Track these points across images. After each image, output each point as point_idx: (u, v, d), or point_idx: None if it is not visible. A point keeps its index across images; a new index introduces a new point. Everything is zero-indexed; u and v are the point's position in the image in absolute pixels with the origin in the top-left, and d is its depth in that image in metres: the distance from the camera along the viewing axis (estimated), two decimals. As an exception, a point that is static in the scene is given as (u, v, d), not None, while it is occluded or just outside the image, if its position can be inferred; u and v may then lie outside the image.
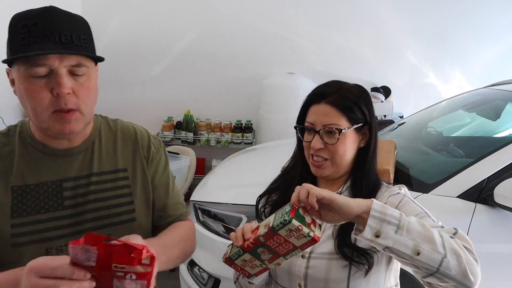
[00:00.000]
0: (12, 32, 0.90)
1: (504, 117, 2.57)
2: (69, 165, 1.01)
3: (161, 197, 1.12)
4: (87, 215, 1.00)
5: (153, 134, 1.17)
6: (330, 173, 1.12)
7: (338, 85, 1.12)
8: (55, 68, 0.88)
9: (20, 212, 0.95)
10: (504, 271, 1.82)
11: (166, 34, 4.23)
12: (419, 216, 1.01)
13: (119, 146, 1.08)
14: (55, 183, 0.99)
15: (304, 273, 1.08)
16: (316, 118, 1.08)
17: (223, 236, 2.14)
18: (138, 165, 1.08)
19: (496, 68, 4.29)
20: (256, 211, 1.24)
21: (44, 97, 0.89)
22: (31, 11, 0.90)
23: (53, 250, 0.96)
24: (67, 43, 0.88)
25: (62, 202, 0.98)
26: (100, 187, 1.02)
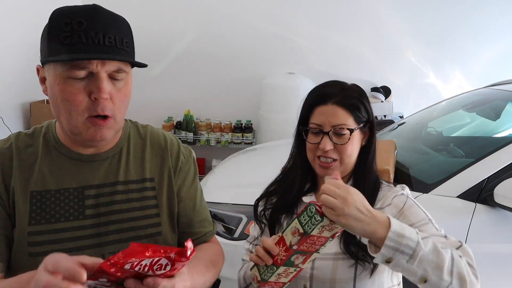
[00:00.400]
0: (53, 28, 0.83)
1: (504, 117, 2.57)
2: (93, 171, 0.94)
3: (187, 211, 1.04)
4: (110, 227, 0.93)
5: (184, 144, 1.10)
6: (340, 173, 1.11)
7: (340, 85, 1.12)
8: (96, 72, 0.84)
9: (39, 219, 0.89)
10: (504, 271, 1.82)
11: (166, 34, 4.23)
12: (422, 223, 1.03)
13: (147, 154, 1.01)
14: (77, 190, 0.92)
15: (309, 274, 1.08)
16: (324, 119, 1.07)
17: (223, 236, 2.13)
18: (165, 175, 1.01)
19: (496, 68, 4.29)
20: (255, 214, 1.22)
21: (81, 101, 0.84)
22: (75, 7, 0.85)
23: None
24: (110, 46, 0.84)
25: (83, 211, 0.91)
26: (126, 196, 0.95)
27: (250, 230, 1.25)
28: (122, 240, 0.93)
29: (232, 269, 1.25)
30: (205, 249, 1.05)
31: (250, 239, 1.24)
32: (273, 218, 1.17)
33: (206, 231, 1.09)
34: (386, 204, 1.09)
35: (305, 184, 1.17)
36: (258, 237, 1.21)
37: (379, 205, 1.09)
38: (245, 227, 2.08)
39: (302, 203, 1.16)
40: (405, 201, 1.07)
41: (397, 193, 1.10)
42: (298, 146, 1.16)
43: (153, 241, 0.96)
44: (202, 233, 1.08)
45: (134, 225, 0.95)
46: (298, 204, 1.16)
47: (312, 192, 1.17)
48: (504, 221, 1.80)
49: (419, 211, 1.07)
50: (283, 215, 1.17)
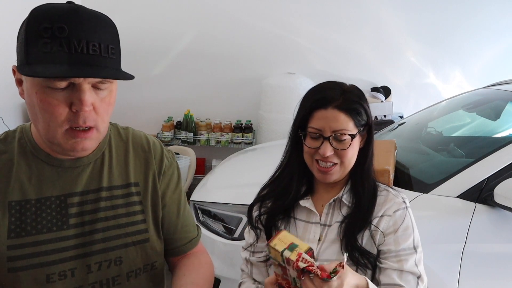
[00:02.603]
0: (32, 32, 0.75)
1: (504, 117, 2.57)
2: (76, 178, 0.88)
3: (171, 216, 1.00)
4: (96, 235, 0.88)
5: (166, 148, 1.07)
6: (337, 178, 1.10)
7: (339, 87, 1.09)
8: (78, 83, 0.77)
9: (19, 231, 0.83)
10: (504, 271, 1.82)
11: (166, 34, 4.23)
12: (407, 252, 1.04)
13: (130, 157, 0.96)
14: (59, 198, 0.86)
15: None
16: (325, 124, 1.04)
17: (223, 236, 2.14)
18: (150, 179, 0.96)
19: (496, 68, 4.29)
20: (250, 220, 1.20)
21: (60, 113, 0.78)
22: (55, 9, 0.76)
23: (55, 276, 0.84)
24: (94, 55, 0.76)
25: (67, 220, 0.86)
26: (111, 203, 0.90)
27: (245, 236, 1.22)
28: (109, 249, 0.89)
29: (232, 269, 1.24)
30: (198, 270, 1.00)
31: (246, 246, 1.20)
32: (269, 223, 1.15)
33: (191, 237, 1.05)
34: (387, 214, 1.08)
35: (301, 187, 1.15)
36: (254, 243, 1.18)
37: (381, 213, 1.08)
38: (245, 227, 2.08)
39: (298, 207, 1.15)
40: (403, 219, 1.07)
41: (400, 207, 1.09)
42: (295, 149, 1.13)
43: (140, 249, 0.92)
44: (188, 239, 1.04)
45: (121, 232, 0.90)
46: (295, 208, 1.15)
47: (309, 196, 1.15)
48: (504, 221, 1.80)
49: (410, 236, 1.07)
50: (279, 220, 1.15)
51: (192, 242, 1.05)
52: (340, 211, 1.11)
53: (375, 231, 1.07)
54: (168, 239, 1.01)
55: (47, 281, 0.83)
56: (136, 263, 0.92)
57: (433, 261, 1.71)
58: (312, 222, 1.12)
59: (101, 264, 0.87)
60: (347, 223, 1.08)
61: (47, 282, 0.83)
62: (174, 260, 1.05)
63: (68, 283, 0.85)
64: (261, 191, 1.22)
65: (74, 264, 0.86)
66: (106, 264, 0.88)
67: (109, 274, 0.88)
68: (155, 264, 0.96)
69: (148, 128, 4.25)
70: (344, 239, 1.06)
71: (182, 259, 1.04)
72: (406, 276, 1.03)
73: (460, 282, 1.76)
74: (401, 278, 1.03)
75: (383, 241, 1.06)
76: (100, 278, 0.88)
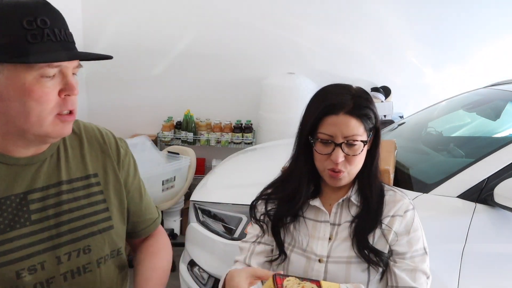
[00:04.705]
0: (12, 25, 0.78)
1: (504, 117, 2.57)
2: (34, 175, 0.90)
3: (135, 201, 1.06)
4: (62, 227, 0.91)
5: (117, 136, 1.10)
6: (346, 182, 1.11)
7: (348, 91, 1.08)
8: (65, 70, 0.83)
9: None
10: (504, 271, 1.82)
11: (166, 34, 4.23)
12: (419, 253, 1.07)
13: (86, 150, 0.99)
14: (19, 196, 0.87)
15: (323, 278, 1.08)
16: (336, 130, 1.04)
17: (223, 236, 2.14)
18: (109, 169, 1.01)
19: (496, 68, 4.29)
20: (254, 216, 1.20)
21: (51, 100, 0.82)
22: (26, 3, 0.80)
23: (25, 272, 0.86)
24: (72, 42, 0.85)
25: (29, 216, 0.88)
26: (72, 195, 0.94)
27: (250, 230, 1.22)
28: (77, 239, 0.92)
29: (232, 269, 1.24)
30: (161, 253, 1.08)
31: (251, 238, 1.20)
32: (278, 223, 1.15)
33: (154, 218, 1.12)
34: (398, 214, 1.09)
35: (310, 189, 1.15)
36: (259, 235, 1.18)
37: (391, 213, 1.09)
38: (245, 227, 2.08)
39: (307, 206, 1.15)
40: (413, 220, 1.10)
41: (409, 208, 1.11)
42: (304, 154, 1.12)
43: (106, 236, 0.97)
44: (151, 220, 1.11)
45: (86, 222, 0.94)
46: (303, 207, 1.15)
47: (317, 196, 1.15)
48: (504, 221, 1.80)
49: (420, 237, 1.10)
50: (288, 218, 1.15)
51: (155, 223, 1.12)
52: (349, 210, 1.12)
53: (387, 230, 1.08)
54: (134, 222, 1.07)
55: (17, 278, 0.85)
56: (104, 250, 0.96)
57: (433, 261, 1.70)
58: (321, 221, 1.13)
59: (70, 254, 0.91)
60: (357, 223, 1.09)
61: (18, 278, 0.85)
62: (137, 242, 1.12)
63: (40, 276, 0.88)
64: (265, 189, 1.22)
65: (43, 257, 0.88)
66: (75, 254, 0.92)
67: (80, 263, 0.93)
68: (120, 249, 1.01)
69: (148, 128, 4.25)
70: (355, 238, 1.07)
71: (144, 241, 1.12)
72: (419, 279, 1.05)
73: (460, 282, 1.76)
74: (415, 280, 1.05)
75: (396, 241, 1.08)
76: (71, 267, 0.92)
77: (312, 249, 1.10)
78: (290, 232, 1.15)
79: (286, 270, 1.13)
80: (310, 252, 1.10)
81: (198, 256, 2.22)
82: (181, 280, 2.36)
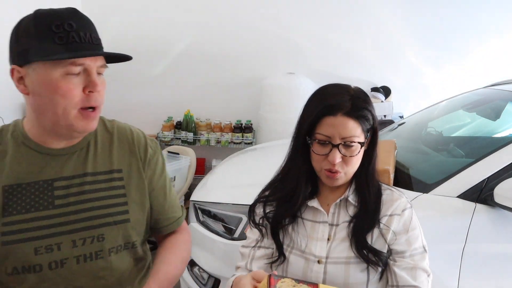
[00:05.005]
0: (42, 29, 0.90)
1: (504, 117, 2.57)
2: (63, 164, 1.01)
3: (159, 200, 1.13)
4: (80, 215, 1.00)
5: (149, 136, 1.18)
6: (343, 182, 1.11)
7: (346, 92, 1.08)
8: (89, 68, 0.93)
9: (11, 210, 0.96)
10: (504, 271, 1.82)
11: (166, 34, 4.23)
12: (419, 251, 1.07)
13: (115, 147, 1.08)
14: (47, 182, 0.99)
15: (322, 278, 1.08)
16: (334, 131, 1.03)
17: (223, 236, 2.14)
18: (133, 167, 1.08)
19: (496, 68, 4.29)
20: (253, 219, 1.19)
21: (76, 95, 0.92)
22: (58, 10, 0.93)
23: (42, 249, 0.96)
24: (97, 44, 0.95)
25: (52, 201, 0.98)
26: (94, 187, 1.02)
27: (248, 234, 1.22)
28: (92, 227, 1.00)
29: (232, 269, 1.24)
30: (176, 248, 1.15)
31: (251, 243, 1.19)
32: (277, 225, 1.15)
33: (177, 217, 1.18)
34: (396, 213, 1.10)
35: (307, 189, 1.15)
36: (259, 239, 1.17)
37: (389, 212, 1.09)
38: (245, 227, 2.08)
39: (305, 207, 1.15)
40: (411, 219, 1.10)
41: (407, 206, 1.11)
42: (301, 154, 1.12)
43: (121, 228, 1.03)
44: (174, 218, 1.18)
45: (102, 213, 1.02)
46: (301, 208, 1.15)
47: (315, 196, 1.15)
48: (504, 221, 1.80)
49: (418, 235, 1.10)
50: (286, 220, 1.15)
51: (178, 221, 1.19)
52: (347, 210, 1.12)
53: (386, 229, 1.08)
54: (156, 219, 1.14)
55: (35, 253, 0.96)
56: (117, 240, 1.04)
57: (433, 261, 1.70)
58: (320, 221, 1.13)
59: (85, 240, 1.00)
60: (355, 223, 1.09)
61: (35, 254, 0.96)
62: (160, 238, 1.20)
63: (55, 256, 0.98)
64: (263, 191, 1.21)
65: (60, 239, 0.98)
66: (89, 240, 1.00)
67: (93, 249, 1.01)
68: (135, 243, 1.08)
69: (148, 128, 4.25)
70: (354, 238, 1.07)
71: (166, 237, 1.19)
72: (420, 277, 1.05)
73: (460, 282, 1.76)
74: (415, 278, 1.05)
75: (395, 240, 1.08)
76: (84, 252, 1.00)
77: (310, 250, 1.10)
78: (289, 234, 1.15)
79: (285, 271, 1.13)
80: (308, 253, 1.10)
81: (198, 256, 2.22)
82: (181, 280, 2.36)
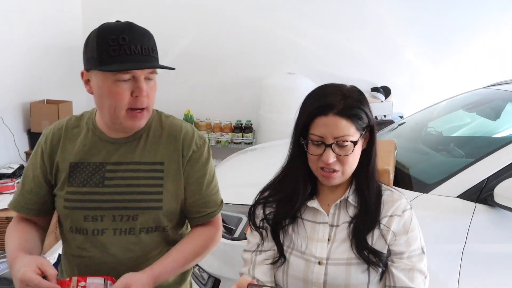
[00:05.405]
0: (101, 42, 1.07)
1: (504, 117, 2.57)
2: (115, 151, 1.19)
3: (193, 193, 1.23)
4: (122, 196, 1.16)
5: (200, 134, 1.29)
6: (341, 182, 1.10)
7: (339, 91, 1.07)
8: (137, 76, 1.08)
9: (73, 182, 1.17)
10: (504, 271, 1.82)
11: (166, 34, 4.23)
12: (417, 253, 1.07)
13: (163, 141, 1.22)
14: (102, 164, 1.18)
15: (323, 280, 1.07)
16: (326, 131, 1.03)
17: (223, 236, 2.12)
18: (174, 161, 1.21)
19: (497, 68, 4.29)
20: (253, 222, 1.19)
21: (124, 98, 1.09)
22: (116, 25, 1.09)
23: (89, 218, 1.16)
24: (146, 55, 1.09)
25: (102, 180, 1.17)
26: (137, 174, 1.18)
27: (249, 238, 1.21)
28: (129, 207, 1.16)
29: (232, 269, 1.24)
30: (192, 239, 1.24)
31: (252, 247, 1.19)
32: (277, 226, 1.14)
33: (209, 211, 1.26)
34: (396, 214, 1.09)
35: (307, 190, 1.15)
36: (259, 243, 1.17)
37: (389, 213, 1.09)
38: (245, 227, 2.08)
39: (305, 207, 1.15)
40: (411, 220, 1.10)
41: (407, 207, 1.11)
42: (299, 155, 1.12)
43: (153, 213, 1.18)
44: (205, 212, 1.25)
45: (139, 198, 1.17)
46: (301, 208, 1.15)
47: (314, 196, 1.15)
48: (504, 221, 1.80)
49: (418, 236, 1.10)
50: (286, 221, 1.14)
51: (207, 216, 1.26)
52: (347, 211, 1.12)
53: (386, 230, 1.08)
54: (190, 210, 1.25)
55: (84, 220, 1.17)
56: (149, 223, 1.18)
57: (433, 261, 1.71)
58: (320, 222, 1.13)
59: (122, 217, 1.17)
60: (355, 224, 1.09)
61: (84, 221, 1.16)
62: (192, 227, 1.31)
63: (98, 225, 1.17)
64: (261, 192, 1.21)
65: (103, 212, 1.16)
66: (126, 218, 1.17)
67: (127, 226, 1.17)
68: (166, 228, 1.21)
69: (148, 128, 4.26)
70: (354, 239, 1.07)
71: (195, 227, 1.29)
72: (416, 278, 1.05)
73: (460, 282, 1.76)
74: (413, 280, 1.05)
75: (394, 240, 1.08)
76: (120, 226, 1.17)
77: (311, 251, 1.10)
78: (289, 235, 1.14)
79: (286, 273, 1.13)
80: (309, 254, 1.10)
81: (198, 256, 2.21)
82: (181, 280, 2.35)
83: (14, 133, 3.44)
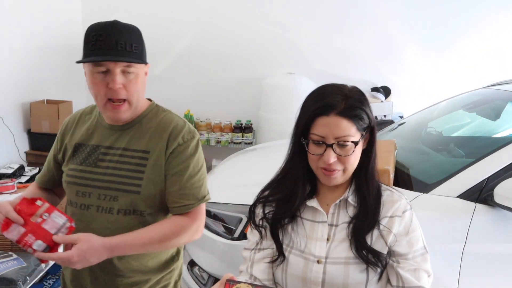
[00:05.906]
0: (85, 38, 1.20)
1: (504, 117, 2.57)
2: (109, 137, 1.32)
3: (172, 184, 1.29)
4: (107, 177, 1.29)
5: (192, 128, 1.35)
6: (341, 181, 1.10)
7: (341, 91, 1.07)
8: (111, 68, 1.18)
9: (74, 160, 1.34)
10: (504, 271, 1.82)
11: (166, 34, 4.24)
12: (420, 252, 1.08)
13: (152, 132, 1.31)
14: (98, 146, 1.32)
15: (322, 279, 1.07)
16: (327, 131, 1.04)
17: (223, 236, 2.14)
18: (158, 151, 1.29)
19: (497, 68, 4.29)
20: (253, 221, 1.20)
21: (101, 89, 1.20)
22: (101, 23, 1.20)
23: (80, 193, 1.31)
24: (121, 50, 1.18)
25: (96, 162, 1.31)
26: (123, 159, 1.29)
27: (249, 236, 1.22)
28: (111, 188, 1.28)
29: (232, 269, 1.24)
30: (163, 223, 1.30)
31: (251, 246, 1.19)
32: (276, 225, 1.15)
33: (186, 203, 1.30)
34: (397, 214, 1.09)
35: (306, 189, 1.15)
36: (258, 242, 1.18)
37: (389, 213, 1.09)
38: (245, 227, 2.08)
39: (304, 206, 1.15)
40: (412, 220, 1.10)
41: (407, 208, 1.11)
42: (299, 154, 1.12)
43: (131, 197, 1.27)
44: (182, 203, 1.30)
45: (121, 180, 1.28)
46: (301, 207, 1.15)
47: (314, 196, 1.15)
48: (504, 221, 1.80)
49: (419, 236, 1.10)
50: (286, 220, 1.15)
51: (184, 207, 1.30)
52: (347, 211, 1.12)
53: (386, 231, 1.08)
54: (168, 200, 1.31)
55: (75, 195, 1.32)
56: (127, 205, 1.28)
57: (433, 261, 1.70)
58: (319, 221, 1.13)
59: (105, 196, 1.29)
60: (355, 224, 1.09)
61: (76, 195, 1.31)
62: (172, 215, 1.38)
63: (85, 201, 1.30)
64: (262, 192, 1.22)
65: (91, 190, 1.30)
66: (108, 198, 1.29)
67: (107, 205, 1.29)
68: (143, 212, 1.30)
69: (148, 128, 4.25)
70: (353, 239, 1.07)
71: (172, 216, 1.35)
72: (423, 277, 1.06)
73: (460, 282, 1.76)
74: (419, 279, 1.05)
75: (395, 242, 1.08)
76: (102, 205, 1.29)
77: (310, 250, 1.10)
78: (288, 233, 1.14)
79: (285, 271, 1.13)
80: (308, 253, 1.10)
81: (198, 256, 2.22)
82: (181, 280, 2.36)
83: (14, 133, 3.44)
